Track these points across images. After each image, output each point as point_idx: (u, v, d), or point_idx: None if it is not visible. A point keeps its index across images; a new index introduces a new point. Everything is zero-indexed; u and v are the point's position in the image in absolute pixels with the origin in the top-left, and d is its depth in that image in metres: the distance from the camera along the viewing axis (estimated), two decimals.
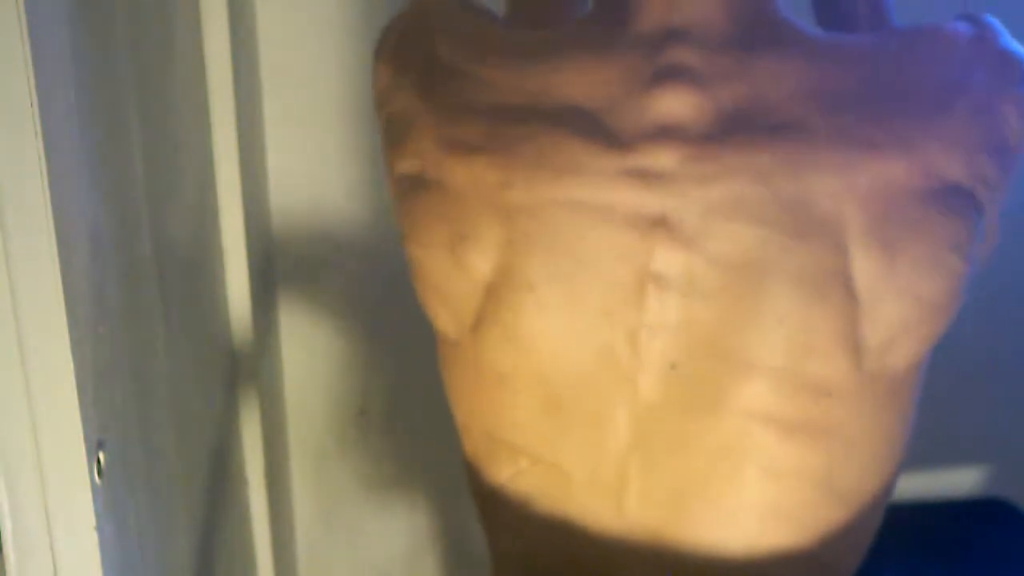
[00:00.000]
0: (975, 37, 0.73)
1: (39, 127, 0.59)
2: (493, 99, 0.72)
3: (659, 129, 0.68)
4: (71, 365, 0.63)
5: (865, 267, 0.68)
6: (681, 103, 0.68)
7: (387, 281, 1.39)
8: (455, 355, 0.78)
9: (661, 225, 0.68)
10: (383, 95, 0.79)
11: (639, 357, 0.70)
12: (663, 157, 0.68)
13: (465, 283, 0.72)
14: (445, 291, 0.74)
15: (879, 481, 0.77)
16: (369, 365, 1.48)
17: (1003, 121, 0.71)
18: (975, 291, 0.73)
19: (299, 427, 1.51)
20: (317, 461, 1.52)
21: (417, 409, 1.48)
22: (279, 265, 1.42)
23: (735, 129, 0.68)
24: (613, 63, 0.70)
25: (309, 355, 1.47)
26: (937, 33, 0.73)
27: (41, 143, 0.59)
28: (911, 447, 0.78)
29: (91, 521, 0.66)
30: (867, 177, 0.67)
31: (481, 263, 0.71)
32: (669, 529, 0.75)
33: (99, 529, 0.67)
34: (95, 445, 0.67)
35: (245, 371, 1.27)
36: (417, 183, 0.74)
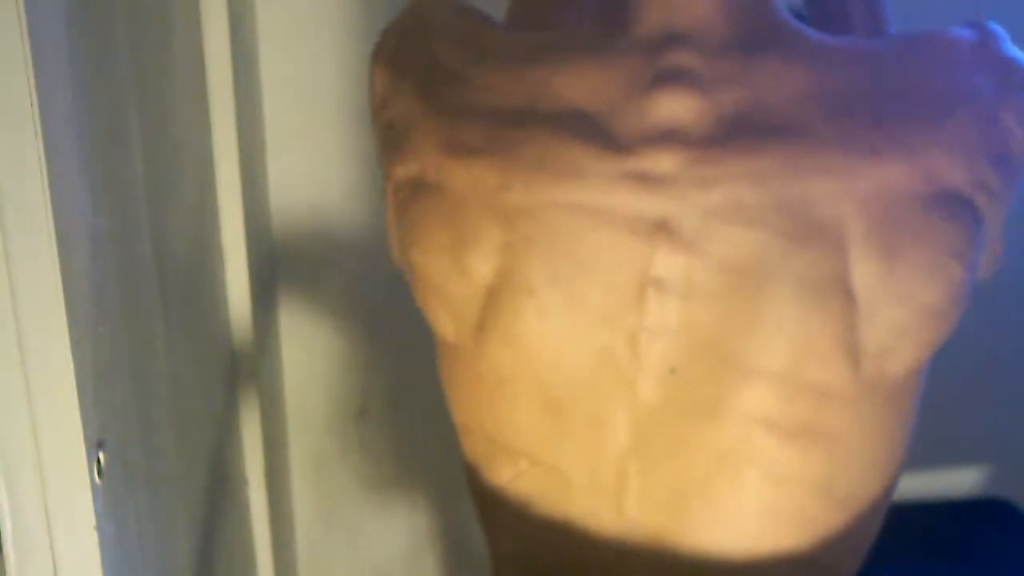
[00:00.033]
0: (978, 43, 0.72)
1: (39, 127, 0.59)
2: (493, 102, 0.72)
3: (660, 132, 0.68)
4: (71, 365, 0.63)
5: (865, 272, 0.67)
6: (682, 106, 0.68)
7: (387, 281, 1.39)
8: (455, 358, 0.78)
9: (661, 229, 0.68)
10: (381, 100, 0.78)
11: (639, 360, 0.70)
12: (664, 160, 0.68)
13: (466, 286, 0.72)
14: (446, 295, 0.73)
15: (879, 485, 0.77)
16: (369, 365, 1.48)
17: (1005, 129, 0.70)
18: (975, 291, 0.73)
19: (299, 427, 1.51)
20: (317, 461, 1.52)
21: (417, 409, 1.48)
22: (279, 265, 1.42)
23: (736, 132, 0.68)
24: (613, 66, 0.70)
25: (309, 355, 1.47)
26: (940, 38, 0.73)
27: (41, 143, 0.59)
28: (911, 447, 0.78)
29: (91, 521, 0.66)
30: (868, 182, 0.67)
31: (481, 266, 0.71)
32: (669, 532, 0.75)
33: (99, 529, 0.67)
34: (95, 445, 0.67)
35: (245, 371, 1.27)
36: (417, 187, 0.74)
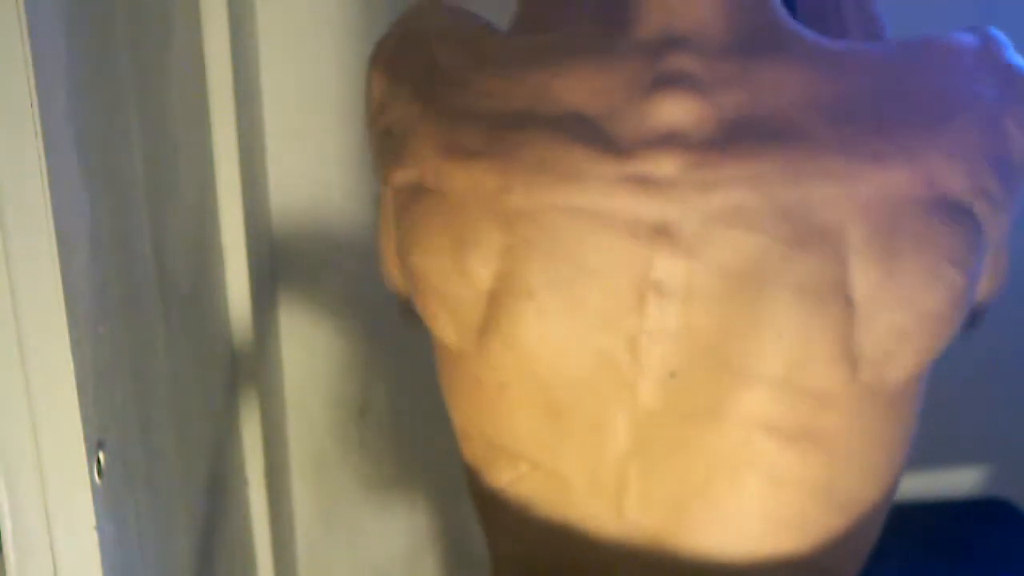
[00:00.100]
0: (981, 49, 0.72)
1: (39, 127, 0.59)
2: (493, 105, 0.71)
3: (660, 136, 0.68)
4: (71, 365, 0.63)
5: (864, 277, 0.67)
6: (682, 109, 0.68)
7: None
8: (455, 364, 0.77)
9: (662, 232, 0.67)
10: (379, 106, 0.78)
11: (639, 364, 0.70)
12: (664, 164, 0.67)
13: (467, 289, 0.72)
14: (449, 299, 0.73)
15: (879, 489, 0.77)
16: (369, 365, 1.48)
17: (1007, 135, 0.70)
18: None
19: (299, 427, 1.51)
20: (317, 461, 1.52)
21: (417, 409, 1.48)
22: (279, 265, 1.42)
23: (736, 136, 0.67)
24: (613, 69, 0.70)
25: (309, 355, 1.47)
26: (942, 43, 0.72)
27: (41, 143, 0.59)
28: (912, 447, 0.78)
29: (91, 521, 0.66)
30: (869, 186, 0.67)
31: (481, 269, 0.71)
32: (669, 534, 0.75)
33: (99, 529, 0.67)
34: (95, 445, 0.67)
35: (245, 371, 1.27)
36: (416, 192, 0.74)
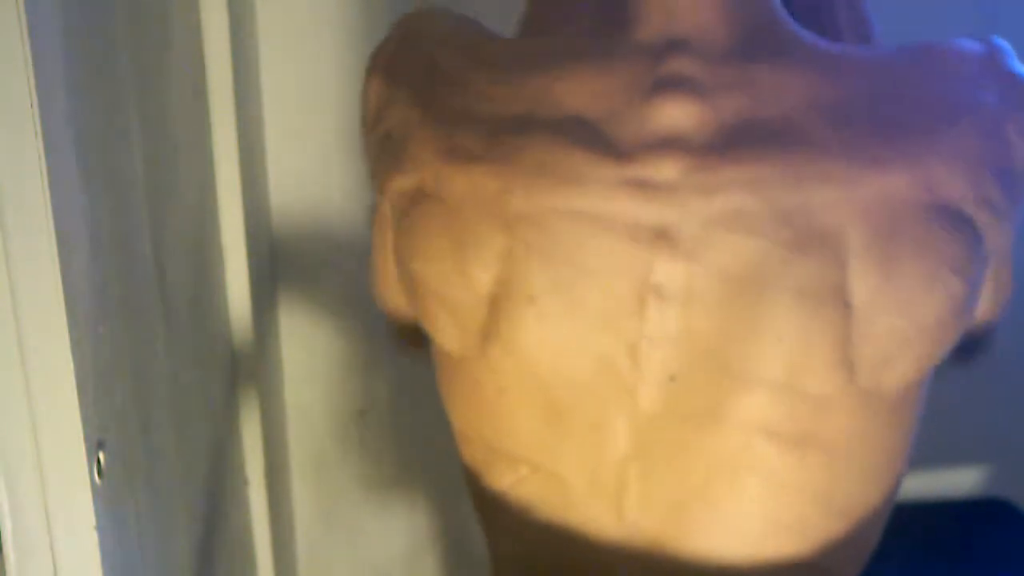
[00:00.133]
0: (984, 57, 0.71)
1: (39, 127, 0.59)
2: (492, 109, 0.71)
3: (660, 139, 0.67)
4: (71, 365, 0.63)
5: (863, 281, 0.67)
6: (682, 113, 0.67)
7: None
8: (455, 368, 0.77)
9: (662, 236, 0.67)
10: (377, 112, 0.77)
11: (639, 368, 0.70)
12: (664, 168, 0.67)
13: (468, 294, 0.71)
14: (450, 303, 0.73)
15: (880, 494, 0.76)
16: (369, 365, 1.48)
17: (1009, 143, 0.70)
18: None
19: (299, 427, 1.51)
20: (317, 461, 1.52)
21: (417, 409, 1.48)
22: (279, 265, 1.42)
23: (737, 140, 0.67)
24: (613, 73, 0.70)
25: (309, 355, 1.47)
26: (944, 50, 0.72)
27: (41, 143, 0.59)
28: (912, 448, 0.78)
29: (91, 521, 0.66)
30: (869, 190, 0.66)
31: (482, 274, 0.70)
32: (669, 537, 0.75)
33: (99, 529, 0.67)
34: (95, 445, 0.67)
35: (245, 371, 1.27)
36: (416, 197, 0.73)
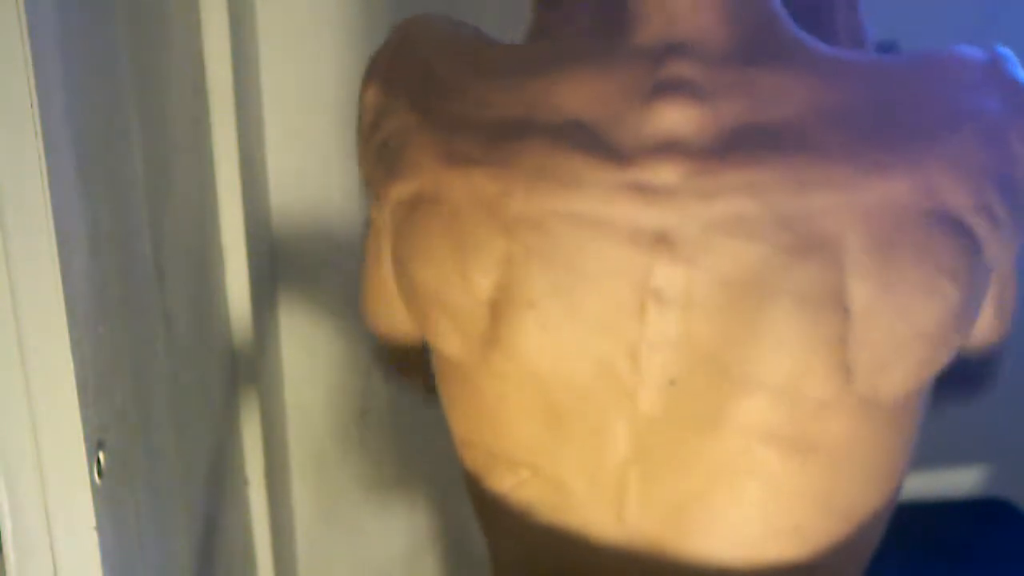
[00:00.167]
0: (988, 65, 0.71)
1: (39, 127, 0.59)
2: (491, 114, 0.71)
3: (660, 143, 0.67)
4: (71, 365, 0.63)
5: (861, 287, 0.67)
6: (682, 117, 0.67)
7: None
8: (455, 374, 0.77)
9: (661, 240, 0.67)
10: (373, 120, 0.77)
11: (639, 372, 0.70)
12: (664, 172, 0.67)
13: (470, 299, 0.71)
14: (452, 309, 0.73)
15: (880, 498, 0.76)
16: (369, 365, 1.48)
17: (1012, 152, 0.69)
18: None
19: (299, 427, 1.51)
20: (317, 461, 1.52)
21: (417, 409, 1.48)
22: (279, 265, 1.42)
23: (737, 144, 0.67)
24: (613, 76, 0.69)
25: (309, 355, 1.47)
26: (948, 57, 0.72)
27: (41, 143, 0.59)
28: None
29: (91, 521, 0.66)
30: (869, 195, 0.66)
31: (483, 278, 0.70)
32: (669, 540, 0.75)
33: (99, 529, 0.67)
34: (95, 445, 0.67)
35: (245, 371, 1.27)
36: (416, 204, 0.73)
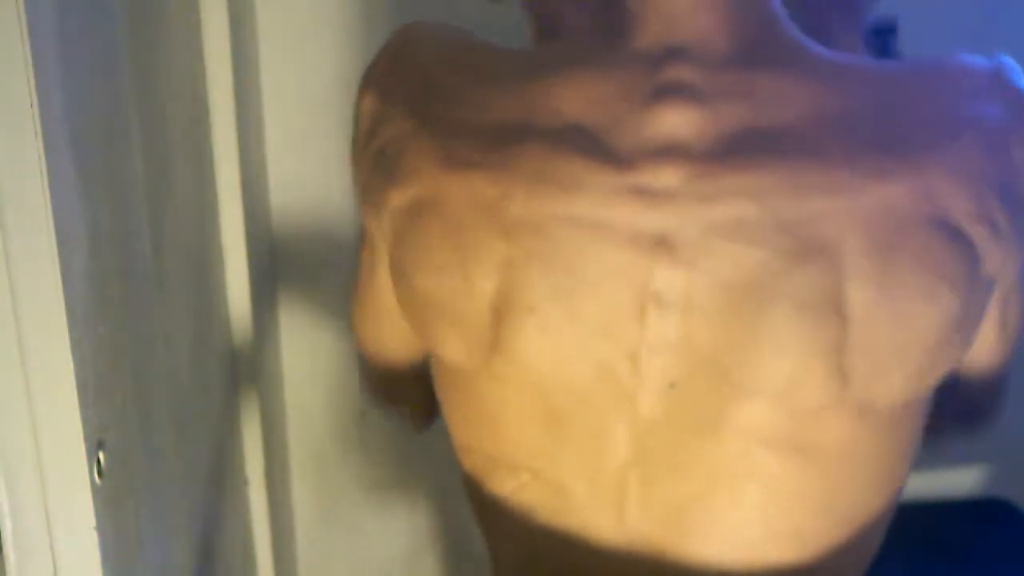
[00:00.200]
0: (991, 74, 0.71)
1: (39, 127, 0.59)
2: (490, 118, 0.71)
3: (660, 146, 0.67)
4: (71, 365, 0.63)
5: (860, 293, 0.66)
6: (683, 120, 0.67)
7: None
8: (457, 381, 0.77)
9: (661, 243, 0.67)
10: (371, 128, 0.77)
11: (639, 375, 0.70)
12: (664, 175, 0.67)
13: (473, 303, 0.71)
14: (455, 315, 0.72)
15: (880, 502, 0.76)
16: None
17: (1012, 161, 0.69)
18: None
19: (299, 427, 1.51)
20: (317, 461, 1.52)
21: None
22: (279, 265, 1.42)
23: (737, 148, 0.67)
24: (612, 80, 0.69)
25: (309, 355, 1.47)
26: (951, 65, 0.72)
27: (41, 143, 0.59)
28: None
29: (91, 521, 0.66)
30: (870, 200, 0.66)
31: (484, 282, 0.70)
32: (669, 543, 0.75)
33: (99, 529, 0.67)
34: (95, 445, 0.67)
35: (245, 371, 1.27)
36: (416, 210, 0.73)
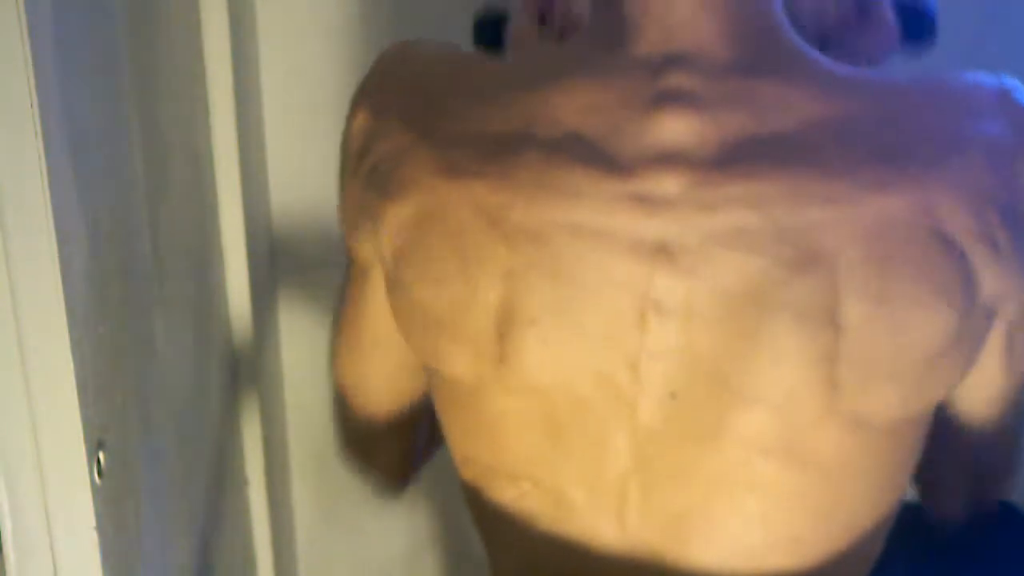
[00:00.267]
0: (997, 92, 0.71)
1: (39, 127, 0.59)
2: (490, 127, 0.70)
3: (660, 154, 0.67)
4: (71, 365, 0.63)
5: (856, 304, 0.66)
6: (684, 127, 0.67)
7: None
8: (457, 395, 0.76)
9: (662, 251, 0.67)
10: (363, 146, 0.76)
11: (640, 383, 0.69)
12: (664, 182, 0.67)
13: (476, 315, 0.71)
14: (458, 327, 0.72)
15: (880, 509, 0.76)
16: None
17: (1016, 180, 0.69)
18: None
19: (299, 427, 1.50)
20: (317, 461, 1.52)
21: None
22: (279, 265, 1.42)
23: (738, 156, 0.66)
24: (611, 88, 0.69)
25: (309, 355, 1.47)
26: (955, 81, 0.71)
27: (41, 143, 0.59)
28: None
29: (91, 521, 0.66)
30: (869, 212, 0.66)
31: (487, 292, 0.70)
32: (670, 551, 0.74)
33: (99, 529, 0.67)
34: (95, 445, 0.67)
35: (245, 371, 1.27)
36: (415, 222, 0.72)
